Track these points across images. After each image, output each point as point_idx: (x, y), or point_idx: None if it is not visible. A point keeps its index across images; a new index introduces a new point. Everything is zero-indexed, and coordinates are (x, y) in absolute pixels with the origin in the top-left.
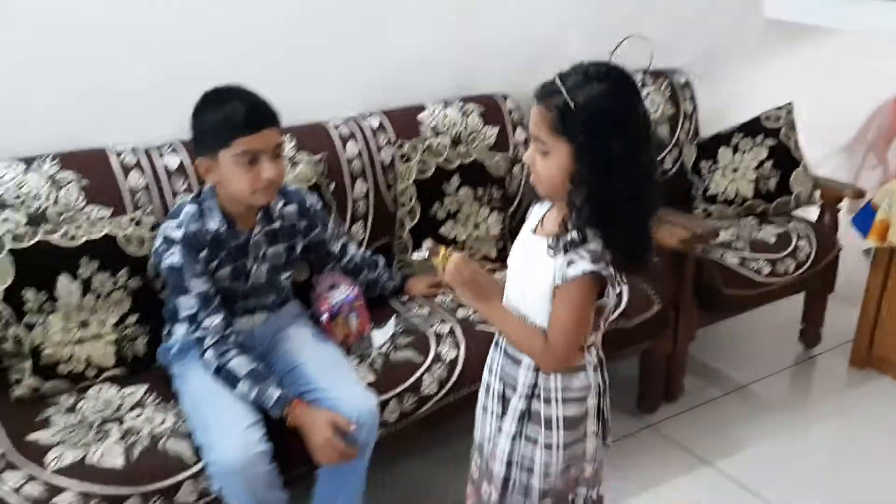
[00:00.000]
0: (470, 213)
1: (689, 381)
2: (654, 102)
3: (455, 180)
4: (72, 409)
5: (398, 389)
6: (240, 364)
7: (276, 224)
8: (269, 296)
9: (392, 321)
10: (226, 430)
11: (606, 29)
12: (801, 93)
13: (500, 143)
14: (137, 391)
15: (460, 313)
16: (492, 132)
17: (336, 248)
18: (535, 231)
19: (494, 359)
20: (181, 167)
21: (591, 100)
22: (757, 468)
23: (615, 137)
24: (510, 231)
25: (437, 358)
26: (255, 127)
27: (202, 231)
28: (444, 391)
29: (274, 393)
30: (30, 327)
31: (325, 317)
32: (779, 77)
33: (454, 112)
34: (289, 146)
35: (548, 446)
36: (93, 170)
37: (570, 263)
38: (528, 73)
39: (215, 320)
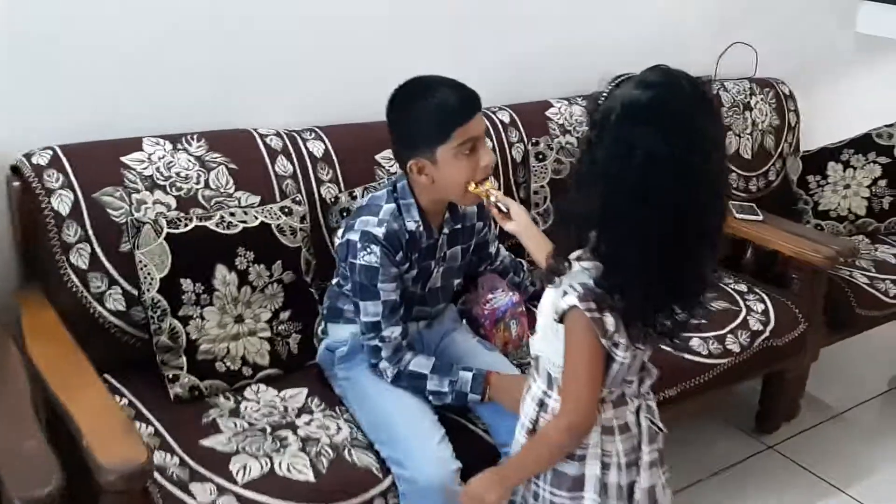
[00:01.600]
0: None
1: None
2: (762, 113)
3: None
4: (235, 413)
5: None
6: (420, 363)
7: (459, 224)
8: (440, 302)
9: None
10: (418, 445)
11: (714, 34)
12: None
13: None
14: (299, 395)
15: None
16: None
17: (493, 249)
18: None
19: None
20: (326, 155)
21: (613, 101)
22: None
23: (616, 156)
24: None
25: None
26: (470, 112)
27: (401, 231)
28: None
29: (466, 375)
30: (185, 320)
31: (486, 322)
32: (870, 93)
33: (580, 111)
34: None
35: (535, 496)
36: (240, 152)
37: (564, 294)
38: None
39: (395, 332)
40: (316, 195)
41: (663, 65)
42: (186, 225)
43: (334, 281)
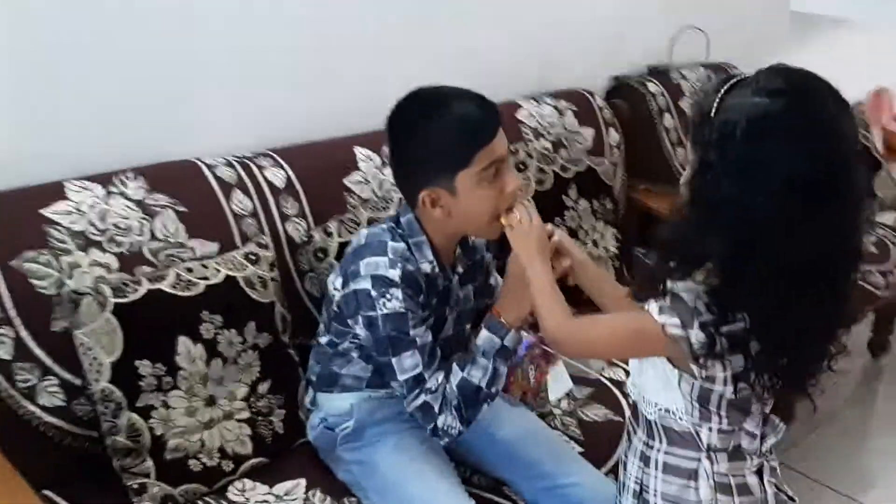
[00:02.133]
0: (588, 228)
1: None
2: None
3: (573, 191)
4: None
5: (614, 459)
6: (454, 380)
7: (471, 261)
8: (452, 353)
9: (564, 369)
10: None
11: (665, 19)
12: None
13: (597, 147)
14: (296, 488)
15: None
16: (588, 133)
17: (493, 280)
18: None
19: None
20: (289, 185)
21: (732, 113)
22: None
23: (745, 181)
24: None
25: None
26: (493, 130)
27: (417, 272)
28: None
29: (484, 334)
30: (146, 412)
31: None
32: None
33: (549, 111)
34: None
35: None
36: (188, 190)
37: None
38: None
39: (439, 377)
40: (282, 234)
41: (781, 64)
42: (136, 290)
43: (324, 340)
